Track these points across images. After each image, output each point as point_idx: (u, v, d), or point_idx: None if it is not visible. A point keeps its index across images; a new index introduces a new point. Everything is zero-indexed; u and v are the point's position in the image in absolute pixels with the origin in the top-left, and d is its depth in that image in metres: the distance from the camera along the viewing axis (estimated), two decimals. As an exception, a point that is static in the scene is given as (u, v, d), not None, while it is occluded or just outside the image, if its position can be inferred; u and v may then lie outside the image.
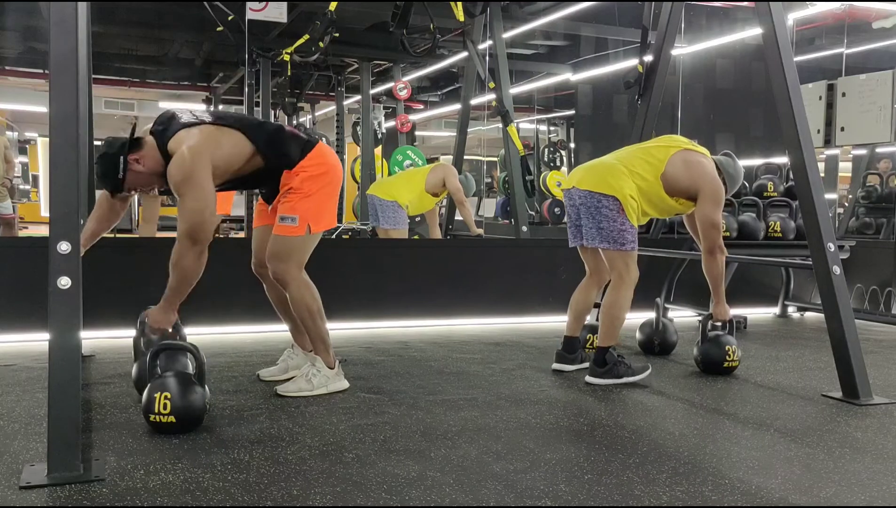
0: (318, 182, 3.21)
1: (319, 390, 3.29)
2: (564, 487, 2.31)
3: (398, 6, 6.29)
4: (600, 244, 3.69)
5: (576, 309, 3.98)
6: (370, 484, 2.29)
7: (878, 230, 8.17)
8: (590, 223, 3.71)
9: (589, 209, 3.70)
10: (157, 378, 2.80)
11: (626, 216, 3.64)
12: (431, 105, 14.54)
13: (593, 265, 3.94)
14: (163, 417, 2.71)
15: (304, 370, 3.37)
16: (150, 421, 2.74)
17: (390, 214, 6.58)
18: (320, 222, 3.26)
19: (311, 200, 3.20)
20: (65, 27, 2.39)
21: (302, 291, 3.24)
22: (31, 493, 2.17)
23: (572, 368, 3.95)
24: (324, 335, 3.31)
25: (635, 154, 3.80)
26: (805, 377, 3.94)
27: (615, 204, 3.64)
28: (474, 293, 5.46)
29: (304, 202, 3.19)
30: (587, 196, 3.70)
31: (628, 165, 3.71)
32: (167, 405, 2.70)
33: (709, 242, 3.83)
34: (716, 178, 3.79)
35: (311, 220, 3.21)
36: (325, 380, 3.32)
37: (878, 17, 7.80)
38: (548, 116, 14.67)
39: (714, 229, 3.78)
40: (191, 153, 2.95)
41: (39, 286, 2.48)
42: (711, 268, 3.91)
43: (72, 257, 2.33)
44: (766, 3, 3.58)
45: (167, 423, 2.71)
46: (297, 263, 3.24)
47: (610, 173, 3.69)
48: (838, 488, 2.36)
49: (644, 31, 4.95)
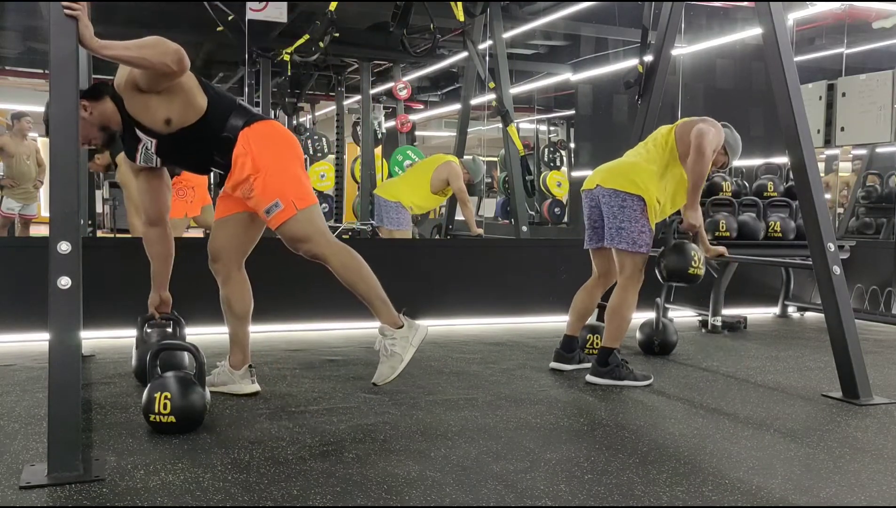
0: (271, 149, 2.96)
1: (409, 352, 2.97)
2: (564, 487, 2.31)
3: (398, 6, 6.30)
4: (619, 245, 3.67)
5: (578, 309, 3.97)
6: (370, 484, 2.29)
7: (878, 230, 8.17)
8: (611, 223, 3.68)
9: (612, 209, 3.67)
10: (157, 379, 2.79)
11: (647, 218, 3.64)
12: (431, 105, 14.54)
13: (603, 268, 3.92)
14: (163, 417, 2.71)
15: (378, 345, 3.02)
16: (149, 421, 2.74)
17: (393, 214, 6.58)
18: (301, 197, 2.97)
19: (275, 177, 2.93)
20: (65, 27, 2.39)
21: (342, 257, 2.97)
22: (31, 493, 2.17)
23: (570, 367, 3.95)
24: (380, 293, 3.02)
25: (645, 145, 3.80)
26: (805, 377, 3.94)
27: (640, 204, 3.62)
28: (474, 293, 5.46)
29: (270, 184, 2.92)
30: (611, 195, 3.67)
31: (647, 160, 3.69)
32: (167, 405, 2.70)
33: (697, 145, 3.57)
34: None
35: (293, 197, 2.94)
36: (404, 342, 2.97)
37: (878, 17, 7.80)
38: (548, 116, 14.67)
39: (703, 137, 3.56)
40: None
41: (39, 286, 2.48)
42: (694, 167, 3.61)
43: (72, 257, 2.33)
44: (766, 3, 3.58)
45: (167, 423, 2.71)
46: (319, 233, 2.97)
47: (635, 173, 3.67)
48: (838, 488, 2.36)
49: (644, 31, 4.95)
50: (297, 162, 3.08)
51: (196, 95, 2.94)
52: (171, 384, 2.74)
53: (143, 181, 3.21)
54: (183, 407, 2.72)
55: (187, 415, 2.74)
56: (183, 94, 2.91)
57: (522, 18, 8.90)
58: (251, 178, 2.94)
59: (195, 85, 2.94)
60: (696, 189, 3.69)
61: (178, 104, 2.92)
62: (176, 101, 2.91)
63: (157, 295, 3.38)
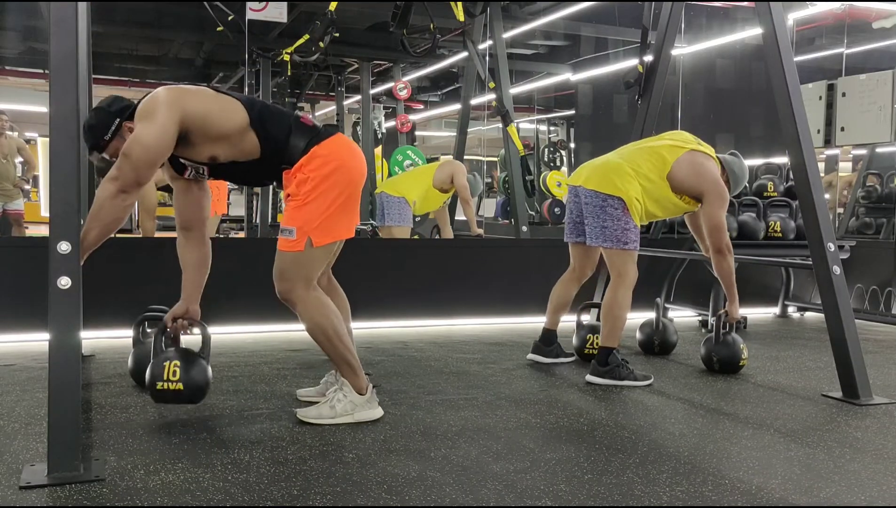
0: (322, 185, 2.75)
1: (343, 418, 2.87)
2: (564, 487, 2.31)
3: (398, 6, 6.29)
4: (603, 244, 3.71)
5: (555, 302, 4.09)
6: (370, 484, 2.29)
7: (878, 230, 8.16)
8: (594, 222, 3.73)
9: (594, 208, 3.73)
10: (164, 351, 2.90)
11: (630, 216, 3.67)
12: (431, 105, 14.55)
13: (579, 262, 4.04)
14: (171, 384, 2.82)
15: (331, 393, 2.97)
16: (156, 390, 2.83)
17: (396, 210, 6.61)
18: (325, 233, 2.78)
19: (311, 207, 2.75)
20: (65, 27, 2.39)
21: (311, 312, 2.82)
22: (31, 493, 2.17)
23: (547, 360, 4.07)
24: (347, 357, 2.90)
25: (642, 154, 3.80)
26: (805, 377, 3.94)
27: (620, 204, 3.67)
28: (474, 293, 5.47)
29: (301, 211, 2.75)
30: (593, 195, 3.73)
31: (634, 166, 3.73)
32: (176, 371, 2.81)
33: (715, 242, 3.82)
34: (719, 180, 3.81)
35: (312, 232, 2.75)
36: (350, 407, 2.89)
37: (878, 17, 7.80)
38: (548, 116, 14.68)
39: (718, 230, 3.78)
40: (164, 92, 2.68)
41: (39, 286, 2.48)
42: (721, 267, 3.88)
43: (72, 257, 2.33)
44: (766, 3, 3.58)
45: (174, 391, 2.82)
46: (304, 280, 2.80)
47: (616, 174, 3.70)
48: (838, 488, 2.36)
49: (644, 31, 4.95)
50: (344, 190, 2.83)
51: (244, 138, 2.75)
52: (180, 354, 2.88)
53: (181, 185, 2.98)
54: (191, 376, 2.84)
55: (195, 384, 2.86)
56: (226, 139, 2.75)
57: (522, 18, 8.90)
58: (289, 197, 2.81)
59: (238, 127, 2.74)
60: (729, 287, 3.90)
61: (222, 146, 2.77)
62: (219, 145, 2.76)
63: (185, 306, 3.02)
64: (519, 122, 10.31)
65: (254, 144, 2.76)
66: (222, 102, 2.77)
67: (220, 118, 2.73)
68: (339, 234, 2.85)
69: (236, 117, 2.74)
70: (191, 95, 2.72)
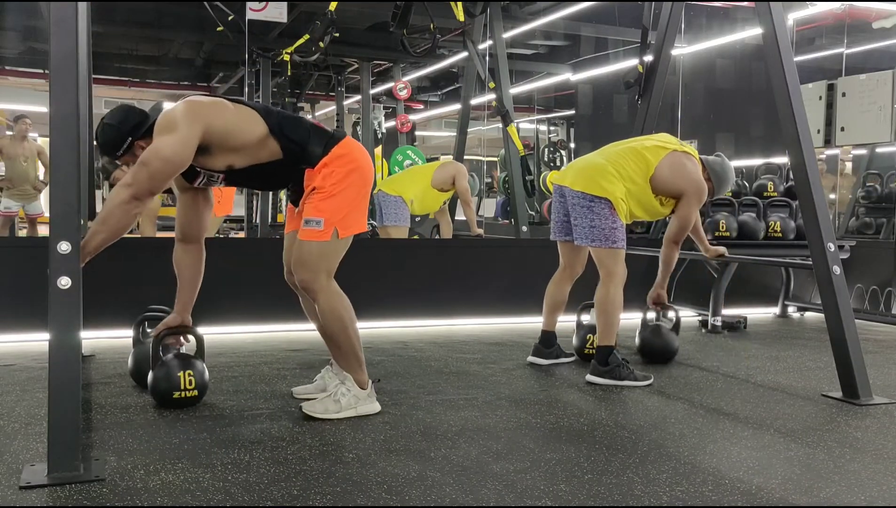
0: (345, 180, 2.87)
1: (347, 412, 2.95)
2: (564, 487, 2.31)
3: (398, 6, 6.29)
4: (592, 243, 3.74)
5: (550, 303, 4.10)
6: (370, 484, 2.29)
7: (878, 230, 8.17)
8: (582, 222, 3.75)
9: (582, 209, 3.75)
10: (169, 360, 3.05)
11: (617, 215, 3.72)
12: (431, 105, 14.56)
13: (568, 260, 4.06)
14: (188, 392, 3.02)
15: (333, 388, 3.03)
16: (172, 398, 3.00)
17: (393, 210, 6.61)
18: (349, 225, 2.91)
19: (337, 199, 2.86)
20: (65, 27, 2.39)
21: (333, 302, 2.91)
22: (31, 493, 2.17)
23: (547, 362, 4.08)
24: (357, 352, 2.98)
25: (626, 155, 3.83)
26: (805, 377, 3.94)
27: (606, 203, 3.71)
28: (474, 293, 5.46)
29: (328, 202, 2.85)
30: (580, 197, 3.76)
31: (618, 168, 3.76)
32: (192, 381, 3.03)
33: (677, 236, 4.00)
34: (699, 180, 3.88)
35: (339, 223, 2.87)
36: (354, 401, 2.97)
37: (878, 17, 7.80)
38: (548, 116, 14.69)
39: (685, 229, 3.98)
40: (186, 105, 2.73)
41: (39, 286, 2.48)
42: (671, 256, 4.09)
43: (72, 257, 2.33)
44: (766, 3, 3.58)
45: (190, 398, 3.03)
46: (326, 271, 2.90)
47: (601, 176, 3.74)
48: (838, 488, 2.35)
49: (644, 31, 4.96)
50: (362, 187, 2.96)
51: (263, 146, 2.82)
52: (190, 363, 3.06)
53: (187, 197, 3.04)
54: (203, 382, 3.08)
55: (205, 388, 3.12)
56: (245, 149, 2.81)
57: (522, 18, 8.91)
58: (314, 190, 2.88)
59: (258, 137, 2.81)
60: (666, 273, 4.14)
61: (240, 156, 2.83)
62: (238, 155, 2.82)
63: (179, 318, 3.12)
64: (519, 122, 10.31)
65: (273, 150, 2.84)
66: (241, 113, 2.83)
67: (240, 131, 2.80)
68: (359, 226, 2.99)
69: (256, 129, 2.81)
70: (212, 110, 2.77)
